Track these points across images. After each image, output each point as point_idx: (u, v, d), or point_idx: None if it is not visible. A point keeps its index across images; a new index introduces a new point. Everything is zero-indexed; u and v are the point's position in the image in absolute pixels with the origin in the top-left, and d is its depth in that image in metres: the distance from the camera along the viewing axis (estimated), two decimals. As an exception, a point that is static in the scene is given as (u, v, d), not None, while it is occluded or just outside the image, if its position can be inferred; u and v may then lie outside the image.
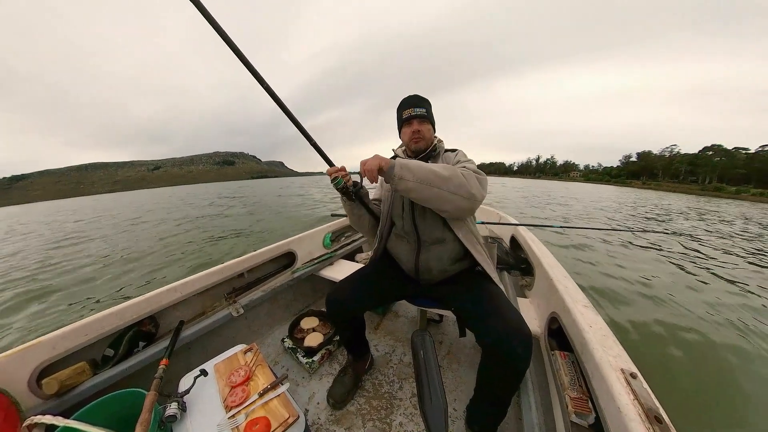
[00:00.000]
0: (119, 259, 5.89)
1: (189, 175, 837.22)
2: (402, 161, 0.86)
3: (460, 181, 0.86)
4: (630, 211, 13.36)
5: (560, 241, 5.84)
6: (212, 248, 6.14)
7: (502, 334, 0.79)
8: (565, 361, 0.91)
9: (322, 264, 1.90)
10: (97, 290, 4.23)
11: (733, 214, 16.08)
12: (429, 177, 0.84)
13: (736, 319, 3.02)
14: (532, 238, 1.84)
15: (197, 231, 8.51)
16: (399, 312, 1.91)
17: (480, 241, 1.09)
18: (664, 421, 0.56)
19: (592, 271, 4.20)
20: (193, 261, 5.29)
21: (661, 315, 2.96)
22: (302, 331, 1.58)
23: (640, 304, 3.22)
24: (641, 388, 0.63)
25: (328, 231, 2.24)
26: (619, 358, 0.73)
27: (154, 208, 19.02)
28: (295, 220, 9.59)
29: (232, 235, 7.54)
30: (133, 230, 9.94)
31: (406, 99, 1.12)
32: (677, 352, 2.37)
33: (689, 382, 2.04)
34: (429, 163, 0.89)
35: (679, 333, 2.65)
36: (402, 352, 1.53)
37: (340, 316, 1.11)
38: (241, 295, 1.57)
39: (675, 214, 13.62)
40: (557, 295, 1.08)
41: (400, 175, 0.84)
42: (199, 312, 1.42)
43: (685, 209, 16.41)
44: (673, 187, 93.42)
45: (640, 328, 2.69)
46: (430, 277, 1.11)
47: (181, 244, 6.75)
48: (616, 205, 16.70)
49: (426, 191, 0.85)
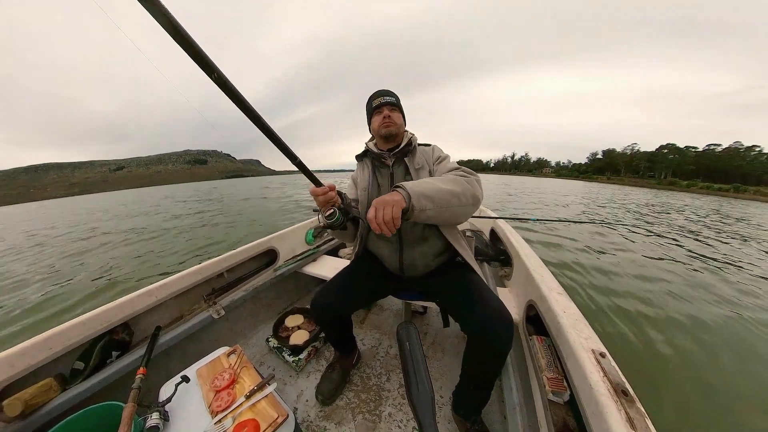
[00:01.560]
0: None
1: (157, 175, 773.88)
2: (413, 189, 0.76)
3: (470, 191, 0.85)
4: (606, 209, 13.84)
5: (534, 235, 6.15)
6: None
7: (486, 320, 0.81)
8: (542, 345, 0.96)
9: (305, 261, 1.86)
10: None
11: (678, 206, 17.77)
12: (447, 198, 0.80)
13: (687, 296, 3.36)
14: (510, 230, 1.90)
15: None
16: (384, 306, 1.93)
17: (461, 234, 1.12)
18: (630, 394, 0.61)
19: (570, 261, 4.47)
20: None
21: (625, 299, 3.23)
22: (287, 330, 1.56)
23: (605, 290, 3.47)
24: (609, 366, 0.68)
25: (311, 227, 2.20)
26: (589, 339, 0.78)
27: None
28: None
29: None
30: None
31: (378, 91, 1.12)
32: (639, 330, 2.59)
33: (648, 356, 2.25)
34: (432, 180, 0.85)
35: (639, 312, 2.91)
36: (388, 345, 1.55)
37: (327, 320, 1.10)
38: (221, 295, 1.51)
39: (638, 206, 14.73)
40: (534, 284, 1.13)
41: (420, 206, 0.76)
42: (176, 316, 1.35)
43: (645, 202, 17.77)
44: (634, 181, 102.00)
45: (607, 309, 2.92)
46: (414, 273, 1.11)
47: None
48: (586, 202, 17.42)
49: (444, 213, 0.81)
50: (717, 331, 2.68)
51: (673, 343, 2.42)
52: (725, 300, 3.45)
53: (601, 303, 3.09)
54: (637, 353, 2.28)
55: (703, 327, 2.72)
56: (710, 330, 2.68)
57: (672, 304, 3.23)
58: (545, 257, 4.26)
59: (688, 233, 7.96)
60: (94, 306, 1.11)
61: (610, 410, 0.58)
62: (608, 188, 45.05)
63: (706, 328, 2.71)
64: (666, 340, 2.46)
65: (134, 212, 15.57)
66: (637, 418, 0.56)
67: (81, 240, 8.40)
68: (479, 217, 2.44)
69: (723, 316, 2.98)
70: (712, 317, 2.95)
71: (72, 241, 8.50)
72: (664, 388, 1.92)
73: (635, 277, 3.93)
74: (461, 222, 0.98)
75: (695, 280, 4.04)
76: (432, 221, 0.84)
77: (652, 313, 2.93)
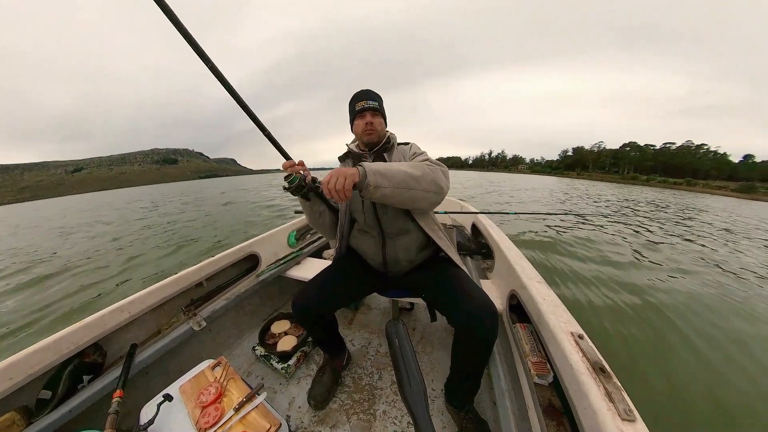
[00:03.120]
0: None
1: (121, 177, 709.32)
2: (371, 166, 0.80)
3: (430, 177, 0.87)
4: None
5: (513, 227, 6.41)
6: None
7: (472, 312, 0.84)
8: (525, 332, 1.00)
9: (289, 264, 1.82)
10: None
11: (641, 199, 19.29)
12: (404, 179, 0.82)
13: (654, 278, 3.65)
14: (491, 224, 1.96)
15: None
16: (371, 305, 1.93)
17: (440, 227, 1.14)
18: (607, 371, 0.66)
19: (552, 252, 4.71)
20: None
21: (597, 282, 3.46)
22: (274, 336, 1.52)
23: (581, 276, 3.70)
24: (587, 347, 0.73)
25: (292, 229, 2.15)
26: (568, 323, 0.83)
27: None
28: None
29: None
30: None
31: (359, 93, 1.12)
32: (612, 311, 2.80)
33: (623, 335, 2.43)
34: (395, 163, 0.88)
35: (611, 293, 3.14)
36: (378, 343, 1.55)
37: (309, 320, 1.08)
38: (201, 306, 1.44)
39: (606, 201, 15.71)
40: (515, 275, 1.17)
41: (375, 182, 0.78)
42: (153, 331, 1.28)
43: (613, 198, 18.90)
44: (600, 176, 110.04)
45: (583, 293, 3.13)
46: (398, 269, 1.13)
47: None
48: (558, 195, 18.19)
49: (402, 195, 0.83)
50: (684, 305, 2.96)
51: (643, 321, 2.64)
52: (685, 272, 3.82)
53: (578, 287, 3.29)
54: (612, 331, 2.46)
55: (673, 306, 2.98)
56: (680, 307, 2.94)
57: (642, 282, 3.51)
58: (525, 249, 4.46)
59: (651, 222, 8.66)
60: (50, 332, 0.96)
61: (590, 387, 0.62)
62: (577, 183, 47.79)
63: (676, 306, 2.97)
64: (637, 319, 2.66)
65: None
66: (614, 391, 0.60)
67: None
68: (461, 213, 2.51)
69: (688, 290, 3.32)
70: (680, 292, 3.26)
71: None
72: (637, 362, 2.09)
73: (606, 262, 4.22)
74: (424, 208, 0.96)
75: (657, 261, 4.42)
76: (390, 201, 0.84)
77: (623, 293, 3.16)
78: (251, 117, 0.87)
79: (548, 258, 4.29)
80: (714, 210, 14.63)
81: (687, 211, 13.07)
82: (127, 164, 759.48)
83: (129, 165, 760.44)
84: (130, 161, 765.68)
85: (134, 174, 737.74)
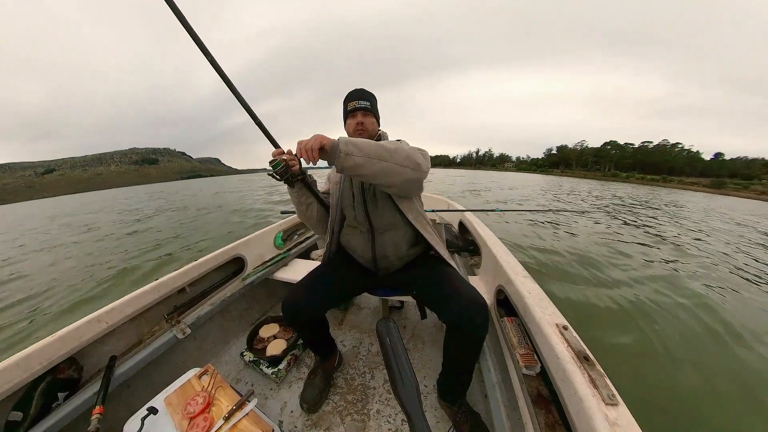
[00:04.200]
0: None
1: (98, 178, 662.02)
2: (344, 137, 0.83)
3: (406, 152, 0.87)
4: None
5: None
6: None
7: (462, 308, 0.85)
8: (513, 325, 1.03)
9: (276, 266, 1.80)
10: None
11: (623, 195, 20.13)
12: (377, 150, 0.82)
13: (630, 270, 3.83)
14: (478, 222, 2.00)
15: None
16: (361, 305, 1.93)
17: (429, 223, 1.15)
18: (591, 359, 0.69)
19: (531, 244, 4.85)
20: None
21: (581, 274, 3.61)
22: (263, 341, 1.50)
23: (564, 269, 3.83)
24: (572, 337, 0.76)
25: (279, 230, 2.12)
26: (553, 315, 0.86)
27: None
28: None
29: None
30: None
31: (352, 92, 1.13)
32: (594, 301, 2.92)
33: (603, 323, 2.55)
34: (372, 141, 0.89)
35: (591, 286, 3.27)
36: (369, 343, 1.56)
37: (299, 322, 1.08)
38: (185, 313, 1.39)
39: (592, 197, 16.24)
40: (501, 270, 1.21)
41: (347, 150, 0.78)
42: (134, 342, 1.22)
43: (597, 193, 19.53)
44: (583, 174, 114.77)
45: (568, 287, 3.23)
46: (388, 265, 1.13)
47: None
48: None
49: (375, 165, 0.81)
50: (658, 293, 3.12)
51: (626, 311, 2.76)
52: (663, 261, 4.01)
53: (563, 281, 3.40)
54: (595, 320, 2.58)
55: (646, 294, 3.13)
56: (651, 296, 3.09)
57: (619, 274, 3.67)
58: (511, 245, 4.58)
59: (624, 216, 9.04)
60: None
61: (575, 375, 0.65)
62: (562, 180, 49.23)
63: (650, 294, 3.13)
64: (619, 309, 2.79)
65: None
66: (598, 378, 0.63)
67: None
68: (448, 211, 2.55)
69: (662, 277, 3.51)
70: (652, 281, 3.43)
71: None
72: (618, 349, 2.19)
73: (589, 257, 4.38)
74: (403, 185, 0.92)
75: (633, 253, 4.63)
76: (364, 172, 0.82)
77: (607, 286, 3.30)
78: (240, 101, 0.88)
79: (533, 253, 4.41)
80: (691, 207, 14.68)
81: (667, 207, 13.56)
82: (103, 165, 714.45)
83: (105, 166, 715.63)
84: (107, 161, 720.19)
85: (111, 175, 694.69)
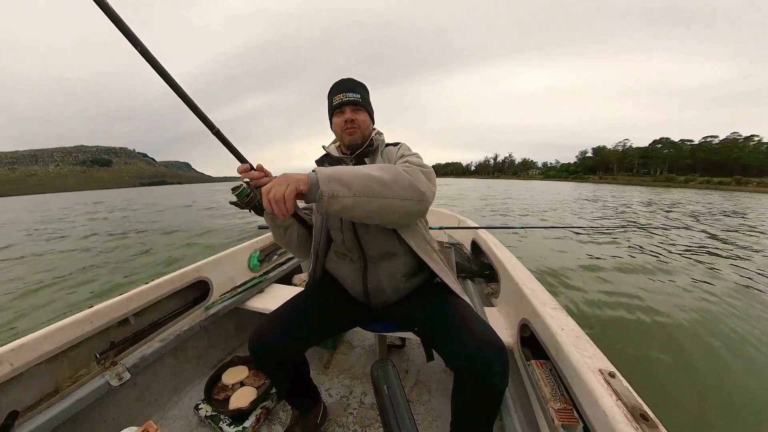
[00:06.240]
0: None
1: (30, 180, 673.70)
2: (324, 171, 0.76)
3: (406, 181, 0.83)
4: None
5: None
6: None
7: (473, 351, 0.81)
8: (543, 370, 0.99)
9: (249, 292, 1.76)
10: None
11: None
12: (369, 186, 0.78)
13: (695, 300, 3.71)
14: (494, 241, 2.00)
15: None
16: (353, 342, 1.90)
17: (435, 248, 1.14)
18: (650, 418, 0.63)
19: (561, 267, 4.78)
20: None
21: (623, 306, 3.48)
22: (226, 389, 1.45)
23: (600, 297, 3.74)
24: (622, 387, 0.71)
25: (255, 249, 2.11)
26: (595, 358, 0.82)
27: None
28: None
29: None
30: None
31: (338, 82, 1.12)
32: (647, 342, 2.79)
33: (665, 372, 2.39)
34: (360, 166, 0.85)
35: (643, 321, 3.14)
36: (362, 392, 1.52)
37: (270, 364, 1.04)
38: (125, 351, 1.32)
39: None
40: (525, 300, 1.19)
41: (330, 192, 0.73)
42: (49, 390, 1.12)
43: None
44: (627, 179, 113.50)
45: (605, 322, 3.13)
46: (383, 299, 1.11)
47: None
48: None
49: (369, 204, 0.78)
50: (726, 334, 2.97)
51: (686, 353, 2.63)
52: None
53: (602, 316, 3.29)
54: (649, 368, 2.42)
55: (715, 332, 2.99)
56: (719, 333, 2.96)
57: (677, 309, 3.53)
58: (535, 269, 4.50)
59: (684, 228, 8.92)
60: None
61: None
62: (604, 188, 49.12)
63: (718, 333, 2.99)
64: (678, 350, 2.66)
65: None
66: (661, 444, 0.57)
67: None
68: (458, 228, 2.52)
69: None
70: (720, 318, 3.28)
71: None
72: (684, 405, 2.05)
73: (637, 285, 4.26)
74: (405, 222, 0.97)
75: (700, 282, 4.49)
76: (358, 214, 0.81)
77: (658, 321, 3.17)
78: (189, 106, 0.78)
79: (562, 280, 4.34)
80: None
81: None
82: (39, 163, 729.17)
83: (42, 165, 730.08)
84: (45, 160, 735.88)
85: (48, 177, 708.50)
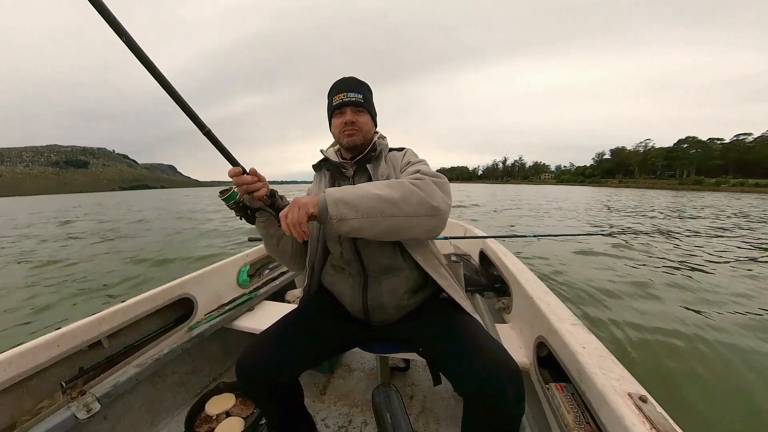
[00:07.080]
0: None
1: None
2: (333, 194, 0.85)
3: (417, 197, 0.86)
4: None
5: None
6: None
7: (485, 375, 0.80)
8: (564, 394, 0.97)
9: (237, 311, 1.76)
10: None
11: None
12: (377, 206, 0.83)
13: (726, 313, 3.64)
14: (504, 251, 2.01)
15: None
16: (352, 365, 1.89)
17: (443, 262, 1.16)
18: None
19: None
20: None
21: (648, 320, 3.44)
22: (209, 420, 1.43)
23: (621, 308, 3.73)
24: (655, 413, 0.69)
25: (245, 263, 2.11)
26: (622, 380, 0.80)
27: None
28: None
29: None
30: None
31: (339, 81, 1.15)
32: (678, 361, 2.73)
33: (698, 394, 2.33)
34: (367, 184, 0.90)
35: (671, 338, 3.08)
36: (362, 421, 1.51)
37: (259, 390, 1.02)
38: (96, 378, 1.30)
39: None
40: (541, 315, 1.18)
41: (339, 215, 0.82)
42: (4, 426, 1.09)
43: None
44: (651, 183, 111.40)
45: (631, 340, 3.06)
46: (384, 317, 1.11)
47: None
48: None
49: (379, 225, 0.84)
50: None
51: (727, 376, 2.56)
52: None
53: (629, 332, 3.23)
54: (682, 391, 2.37)
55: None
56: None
57: (717, 322, 3.45)
58: (550, 282, 4.46)
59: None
60: None
61: None
62: (627, 192, 48.93)
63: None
64: (717, 372, 2.59)
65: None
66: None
67: None
68: (465, 238, 2.52)
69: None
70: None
71: None
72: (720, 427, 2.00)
73: (669, 297, 4.21)
74: (419, 236, 0.98)
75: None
76: (369, 235, 0.87)
77: (693, 336, 3.11)
78: (181, 105, 0.77)
79: (580, 293, 4.31)
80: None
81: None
82: (6, 164, 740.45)
83: (9, 165, 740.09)
84: (12, 160, 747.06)
85: (16, 179, 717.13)
